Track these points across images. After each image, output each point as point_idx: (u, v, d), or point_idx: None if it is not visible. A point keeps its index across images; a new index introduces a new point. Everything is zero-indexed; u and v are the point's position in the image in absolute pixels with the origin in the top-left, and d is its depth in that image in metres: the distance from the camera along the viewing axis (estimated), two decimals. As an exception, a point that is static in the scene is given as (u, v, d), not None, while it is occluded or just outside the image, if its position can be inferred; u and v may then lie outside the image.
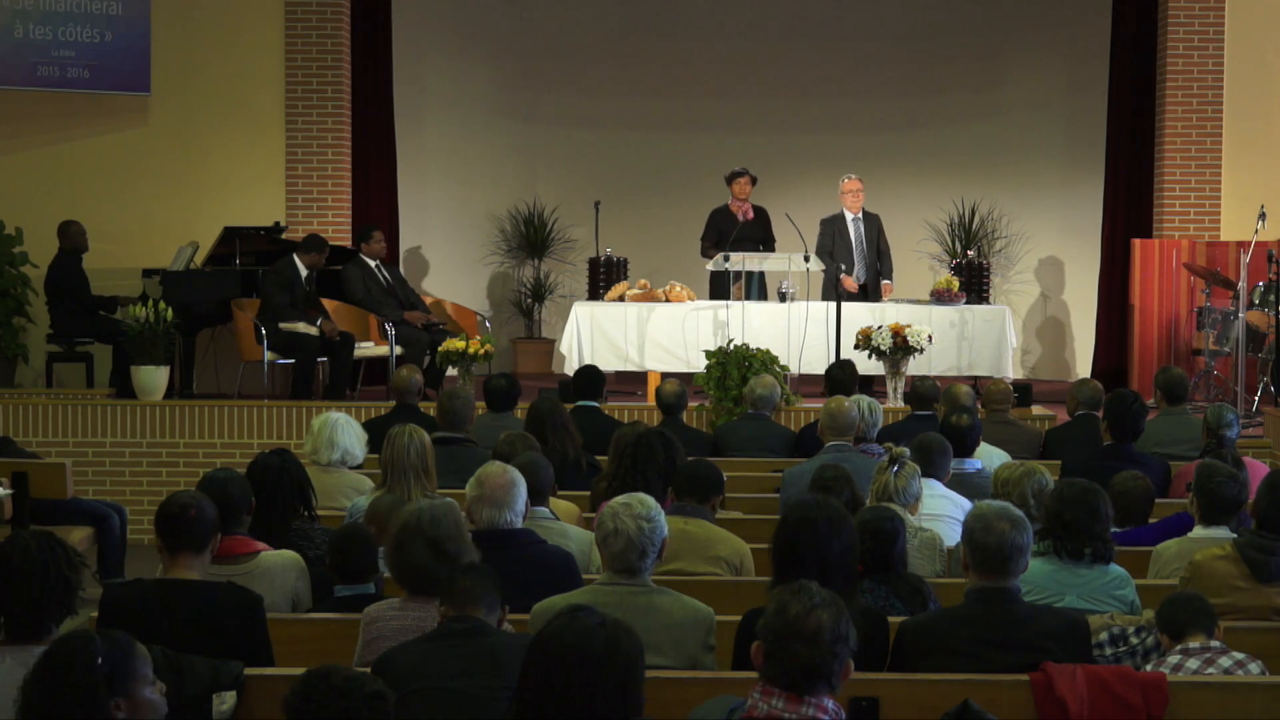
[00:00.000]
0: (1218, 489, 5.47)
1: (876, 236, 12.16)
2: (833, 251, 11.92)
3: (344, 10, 12.60)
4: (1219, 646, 4.41)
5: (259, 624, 4.48)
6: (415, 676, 3.82)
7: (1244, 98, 12.61)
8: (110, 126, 12.55)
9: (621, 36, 15.01)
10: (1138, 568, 5.47)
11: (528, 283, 14.83)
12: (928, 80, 14.87)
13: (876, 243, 12.15)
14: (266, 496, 5.41)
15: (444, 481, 6.28)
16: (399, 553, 4.44)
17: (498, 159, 14.80)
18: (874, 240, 12.14)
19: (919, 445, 6.32)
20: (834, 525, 4.31)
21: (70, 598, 3.81)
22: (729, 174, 12.66)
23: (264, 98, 12.52)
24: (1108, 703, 4.10)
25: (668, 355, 11.76)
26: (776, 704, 3.16)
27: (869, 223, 12.17)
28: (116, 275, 12.02)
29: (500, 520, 4.93)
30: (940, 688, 4.08)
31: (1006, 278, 14.53)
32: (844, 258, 11.88)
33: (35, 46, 12.14)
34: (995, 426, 8.28)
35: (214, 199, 12.39)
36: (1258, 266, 11.23)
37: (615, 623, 3.10)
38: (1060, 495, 5.00)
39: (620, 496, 4.48)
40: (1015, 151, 14.57)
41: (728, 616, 4.49)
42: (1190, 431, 8.13)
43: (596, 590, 4.35)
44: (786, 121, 14.96)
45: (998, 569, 4.25)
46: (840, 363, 9.78)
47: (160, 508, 4.56)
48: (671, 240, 14.44)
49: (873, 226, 12.18)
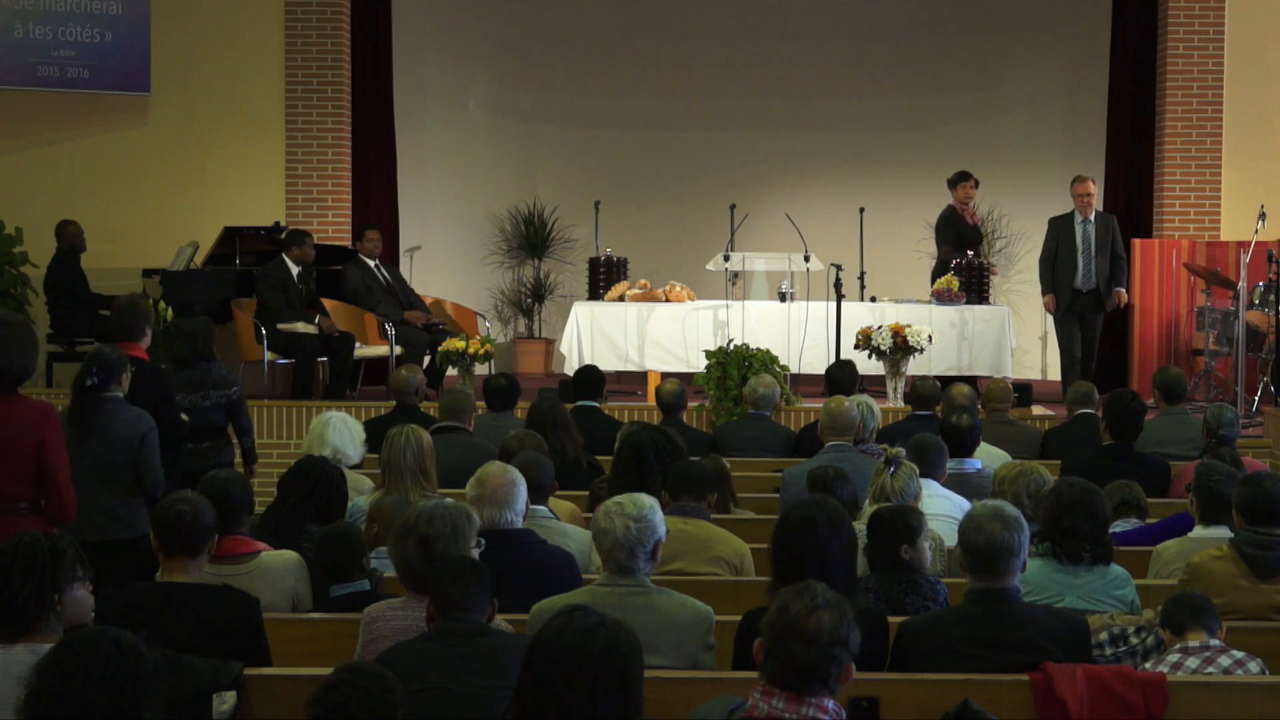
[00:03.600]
0: (1217, 489, 5.48)
1: (1110, 240, 11.44)
2: (1056, 255, 11.42)
3: (344, 10, 12.61)
4: (1219, 645, 4.41)
5: (256, 627, 4.48)
6: (414, 676, 3.82)
7: (1244, 98, 12.62)
8: (110, 126, 12.55)
9: (621, 36, 15.00)
10: (1138, 568, 5.47)
11: (528, 283, 14.83)
12: (928, 80, 14.87)
13: (1110, 245, 11.44)
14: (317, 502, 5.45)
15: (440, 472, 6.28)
16: (394, 550, 4.50)
17: (498, 159, 14.80)
18: (1106, 243, 11.42)
19: (915, 446, 6.32)
20: (834, 525, 4.31)
21: (53, 597, 3.77)
22: (952, 177, 12.11)
23: (264, 98, 12.52)
24: (1108, 703, 4.10)
25: (668, 355, 11.77)
26: (777, 704, 3.16)
27: (1101, 224, 11.48)
28: (116, 275, 12.02)
29: (500, 520, 4.94)
30: (940, 688, 4.08)
31: (1006, 278, 14.53)
32: (1068, 261, 11.35)
33: (35, 46, 12.14)
34: (995, 426, 8.29)
35: (214, 199, 12.39)
36: (1258, 266, 11.23)
37: (615, 622, 3.10)
38: (1058, 499, 4.99)
39: (618, 496, 4.49)
40: (1015, 152, 14.57)
41: (727, 616, 4.49)
42: (1190, 431, 8.14)
43: (595, 590, 4.35)
44: (786, 121, 14.95)
45: (990, 569, 4.25)
46: (840, 363, 9.77)
47: (155, 511, 4.57)
48: (671, 240, 14.45)
49: (1105, 229, 11.47)
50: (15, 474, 5.10)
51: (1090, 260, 11.40)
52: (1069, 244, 11.42)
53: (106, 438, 6.06)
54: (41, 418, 5.20)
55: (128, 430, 6.08)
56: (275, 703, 4.12)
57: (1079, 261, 11.38)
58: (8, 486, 5.11)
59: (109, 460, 6.05)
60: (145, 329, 6.82)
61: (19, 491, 5.14)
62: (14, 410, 5.16)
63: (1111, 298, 11.47)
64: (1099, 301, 11.48)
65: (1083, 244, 11.40)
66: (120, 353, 6.34)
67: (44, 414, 5.23)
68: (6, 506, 5.12)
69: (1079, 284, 11.38)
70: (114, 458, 6.06)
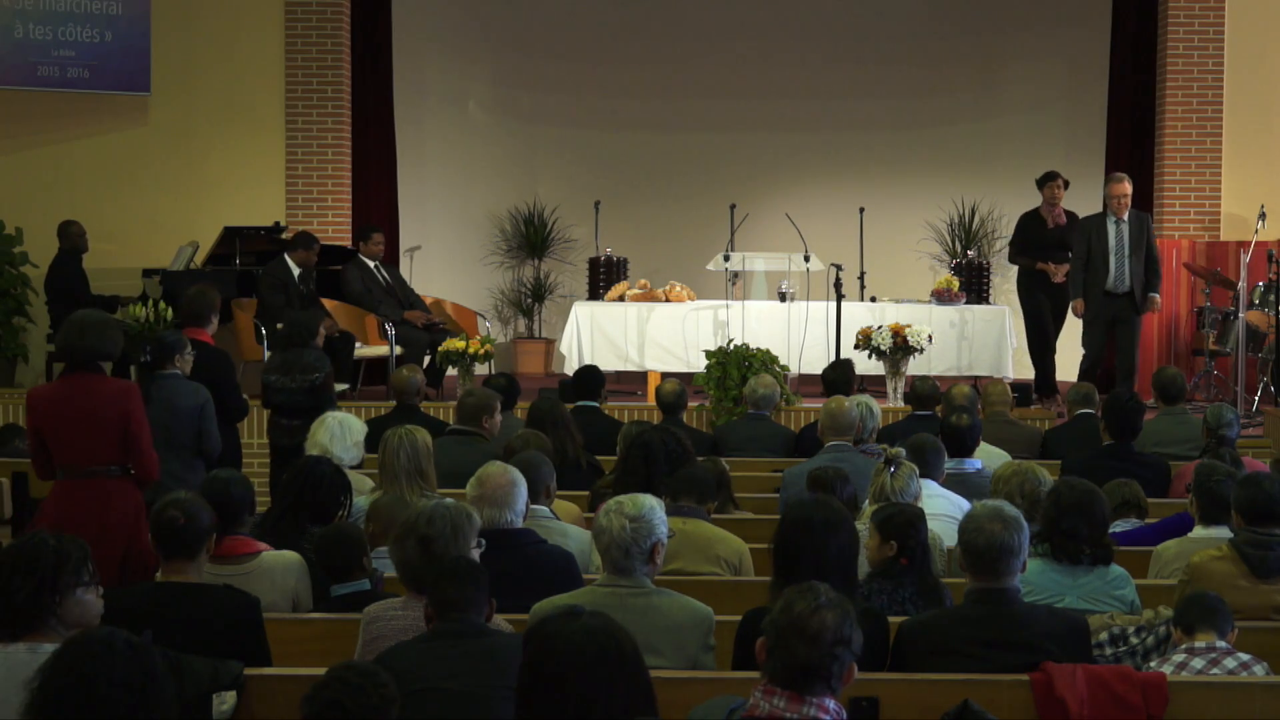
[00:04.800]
0: (1217, 489, 5.48)
1: (1145, 240, 10.76)
2: (1089, 255, 10.74)
3: (344, 10, 12.61)
4: (1225, 647, 4.41)
5: (256, 627, 4.48)
6: (413, 677, 3.82)
7: (1244, 98, 12.62)
8: (110, 126, 12.55)
9: (621, 37, 15.00)
10: (1138, 568, 5.47)
11: (528, 283, 14.83)
12: (928, 80, 14.87)
13: (1145, 246, 10.76)
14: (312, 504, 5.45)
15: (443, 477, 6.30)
16: (394, 550, 4.51)
17: (498, 159, 14.80)
18: (1141, 243, 10.73)
19: (914, 446, 6.32)
20: (832, 525, 4.30)
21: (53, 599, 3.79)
22: (1040, 177, 11.46)
23: (264, 98, 12.52)
24: (1108, 703, 4.10)
25: (668, 355, 11.77)
26: (778, 703, 3.16)
27: (1135, 224, 10.77)
28: (116, 275, 12.03)
29: (501, 520, 4.94)
30: (940, 688, 4.08)
31: (1006, 278, 14.51)
32: (1099, 263, 10.68)
33: (35, 46, 12.15)
34: (995, 426, 8.29)
35: (214, 199, 12.39)
36: (1258, 266, 11.23)
37: (613, 623, 3.11)
38: (1057, 501, 4.99)
39: (620, 495, 4.49)
40: (1015, 151, 14.56)
41: (727, 616, 4.49)
42: (1190, 431, 8.14)
43: (595, 591, 4.35)
44: (786, 121, 14.95)
45: (989, 570, 4.25)
46: (834, 364, 9.72)
47: (153, 514, 4.57)
48: (671, 240, 14.45)
49: (1139, 228, 10.77)
50: (104, 441, 5.82)
51: (1123, 262, 10.71)
52: (1101, 245, 10.72)
53: (167, 408, 6.91)
54: (125, 393, 5.93)
55: (187, 402, 6.95)
56: (275, 703, 4.12)
57: (1110, 263, 10.68)
58: (100, 452, 5.82)
59: (170, 428, 6.85)
60: (210, 316, 7.72)
61: (109, 456, 5.84)
62: (99, 387, 5.87)
63: (1147, 302, 10.79)
64: (1133, 304, 10.74)
65: (1116, 245, 10.71)
66: (178, 335, 7.34)
67: (127, 390, 5.99)
68: (98, 469, 5.84)
69: (1110, 286, 10.71)
70: (174, 426, 6.92)
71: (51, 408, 5.86)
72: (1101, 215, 10.87)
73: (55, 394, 5.91)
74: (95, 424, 5.81)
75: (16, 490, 7.68)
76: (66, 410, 5.81)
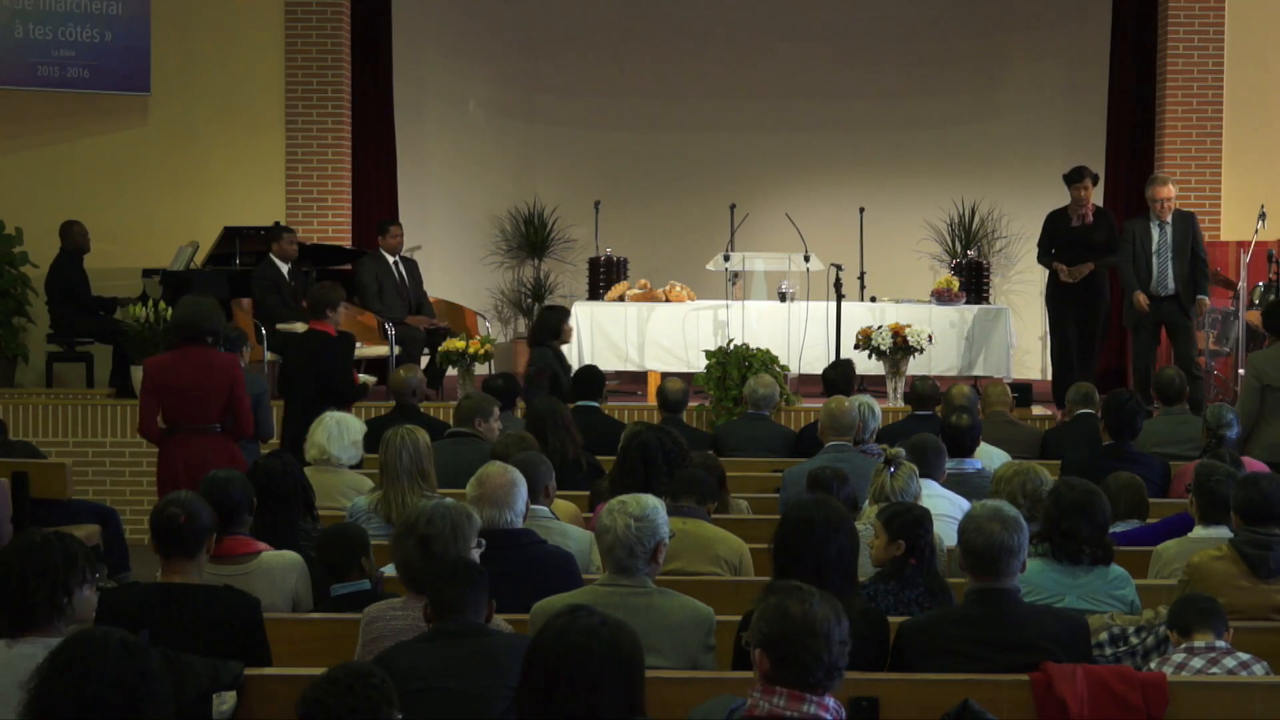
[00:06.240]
0: (1217, 489, 5.48)
1: (1191, 241, 10.54)
2: (1134, 257, 10.55)
3: (344, 10, 12.60)
4: (1224, 647, 4.41)
5: (256, 627, 4.48)
6: (412, 676, 3.82)
7: (1244, 98, 12.61)
8: (110, 126, 12.54)
9: (622, 36, 15.01)
10: (1138, 568, 5.47)
11: (528, 283, 14.82)
12: (928, 80, 14.87)
13: (1191, 247, 10.54)
14: (271, 500, 5.41)
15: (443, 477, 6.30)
16: (394, 549, 4.51)
17: (498, 159, 14.80)
18: (1185, 244, 10.53)
19: (914, 446, 6.32)
20: (832, 525, 4.31)
21: (65, 599, 3.81)
22: (1066, 174, 11.00)
23: (264, 98, 12.52)
24: (1108, 703, 4.10)
25: (668, 355, 11.77)
26: (778, 702, 3.16)
27: (1179, 225, 10.57)
28: (116, 275, 12.02)
29: (500, 520, 4.94)
30: (940, 688, 4.08)
31: (1006, 278, 14.53)
32: (1143, 265, 10.51)
33: (35, 46, 12.14)
34: (995, 426, 8.29)
35: (214, 199, 12.38)
36: (1258, 266, 11.22)
37: (616, 622, 3.11)
38: (1057, 501, 4.99)
39: (622, 495, 4.49)
40: (1015, 151, 14.57)
41: (727, 616, 4.49)
42: (1189, 431, 8.13)
43: (596, 590, 4.35)
44: (786, 121, 14.96)
45: (989, 570, 4.25)
46: (835, 364, 9.72)
47: (153, 514, 4.57)
48: (671, 240, 14.45)
49: (1184, 230, 10.56)
50: (212, 405, 7.10)
51: (1166, 264, 10.52)
52: (1144, 248, 10.54)
53: None
54: (231, 364, 7.25)
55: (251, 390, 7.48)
56: (275, 703, 4.12)
57: (1154, 265, 10.50)
58: (213, 413, 7.11)
59: None
60: (326, 311, 8.47)
61: (215, 416, 7.12)
62: (208, 359, 7.13)
63: (1195, 305, 10.56)
64: (1182, 308, 10.52)
65: (1159, 247, 10.53)
66: (239, 330, 8.59)
67: (233, 362, 7.31)
68: (207, 427, 7.12)
69: (1152, 289, 10.54)
70: None
71: (165, 376, 7.07)
72: (1145, 218, 10.72)
73: (170, 363, 7.11)
74: (203, 390, 7.06)
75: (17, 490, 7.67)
76: (178, 378, 7.04)
